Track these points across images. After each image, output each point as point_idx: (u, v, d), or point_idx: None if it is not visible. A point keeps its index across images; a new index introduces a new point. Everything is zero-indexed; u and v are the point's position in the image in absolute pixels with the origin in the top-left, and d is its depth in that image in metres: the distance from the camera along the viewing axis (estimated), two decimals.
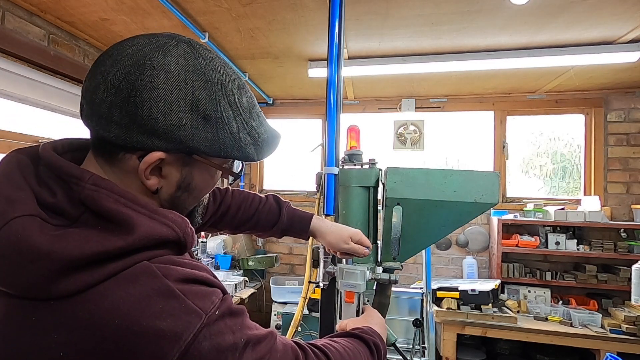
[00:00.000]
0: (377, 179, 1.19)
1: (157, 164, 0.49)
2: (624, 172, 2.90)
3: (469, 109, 3.21)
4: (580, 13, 1.81)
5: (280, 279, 3.17)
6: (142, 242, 0.46)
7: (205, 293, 0.48)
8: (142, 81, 0.46)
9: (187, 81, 0.48)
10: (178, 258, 0.50)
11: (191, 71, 0.48)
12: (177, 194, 0.54)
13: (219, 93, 0.50)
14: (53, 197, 0.46)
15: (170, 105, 0.46)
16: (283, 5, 1.77)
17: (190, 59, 0.49)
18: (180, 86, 0.47)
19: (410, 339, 2.28)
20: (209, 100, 0.49)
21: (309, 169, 3.51)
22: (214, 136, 0.49)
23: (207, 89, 0.49)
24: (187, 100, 0.47)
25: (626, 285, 2.54)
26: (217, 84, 0.50)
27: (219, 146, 0.50)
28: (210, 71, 0.50)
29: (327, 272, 1.06)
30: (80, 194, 0.46)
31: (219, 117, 0.50)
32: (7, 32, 1.74)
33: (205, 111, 0.49)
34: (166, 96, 0.46)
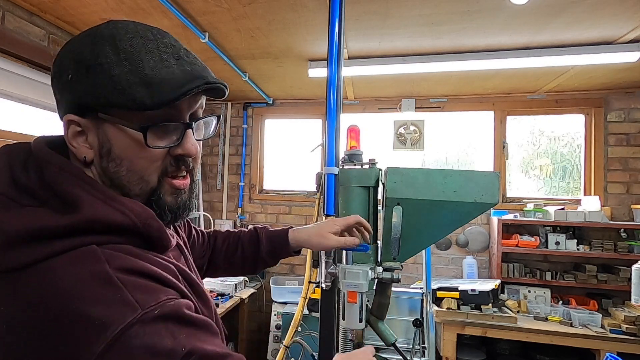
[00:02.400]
0: (377, 179, 1.19)
1: (81, 132, 0.51)
2: (624, 172, 2.90)
3: (469, 109, 3.21)
4: (580, 13, 1.81)
5: (280, 279, 3.17)
6: (88, 224, 0.46)
7: (150, 288, 0.46)
8: (62, 51, 0.52)
9: (83, 41, 0.50)
10: (138, 250, 0.50)
11: (86, 34, 0.51)
12: (103, 164, 0.52)
13: (104, 43, 0.49)
14: (28, 180, 0.49)
15: (62, 64, 0.50)
16: (283, 5, 1.77)
17: (98, 29, 0.51)
18: (73, 45, 0.51)
19: (410, 339, 2.28)
20: (91, 52, 0.49)
21: (309, 169, 3.51)
22: (92, 82, 0.48)
23: (93, 43, 0.49)
24: (72, 57, 0.50)
25: (626, 285, 2.54)
26: (106, 36, 0.50)
27: (98, 91, 0.48)
28: (104, 29, 0.51)
29: (329, 272, 1.06)
30: (48, 177, 0.48)
31: (98, 63, 0.48)
32: (7, 32, 1.74)
33: (87, 61, 0.48)
34: (61, 58, 0.51)
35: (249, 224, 3.46)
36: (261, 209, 3.55)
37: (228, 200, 3.61)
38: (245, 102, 3.57)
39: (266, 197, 3.55)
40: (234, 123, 3.64)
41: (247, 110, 3.60)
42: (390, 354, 1.74)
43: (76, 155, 0.52)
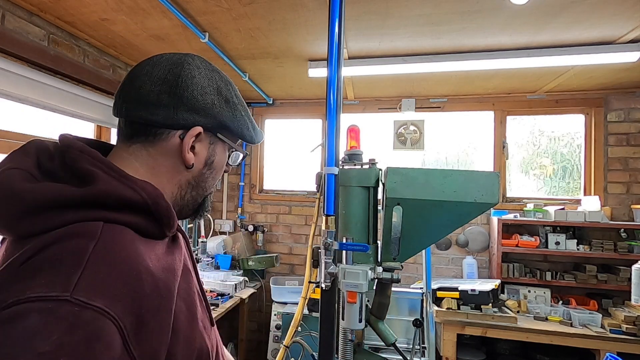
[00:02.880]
0: (377, 179, 1.19)
1: (193, 142, 0.60)
2: (624, 172, 2.90)
3: (469, 109, 3.21)
4: (580, 13, 1.81)
5: (280, 279, 3.17)
6: (101, 197, 0.49)
7: (103, 284, 0.43)
8: (184, 72, 0.59)
9: (210, 75, 0.63)
10: (132, 241, 0.50)
11: (211, 70, 0.65)
12: (203, 170, 0.64)
13: (230, 86, 0.66)
14: (51, 164, 0.53)
15: (205, 90, 0.61)
16: (283, 5, 1.77)
17: (208, 63, 0.66)
18: (208, 76, 0.63)
19: (410, 339, 2.28)
20: (226, 89, 0.65)
21: (309, 169, 3.51)
22: (233, 115, 0.64)
23: (223, 81, 0.65)
24: (214, 87, 0.62)
25: (626, 285, 2.54)
26: (227, 81, 0.67)
27: (236, 124, 0.64)
28: (221, 72, 0.68)
29: (329, 272, 1.06)
30: (68, 159, 0.52)
31: (234, 102, 0.65)
32: (7, 32, 1.74)
33: (226, 96, 0.64)
34: (201, 83, 0.61)
35: (248, 224, 3.47)
36: (261, 209, 3.55)
37: (228, 200, 3.61)
38: (245, 102, 3.56)
39: (266, 197, 3.55)
40: None
41: None
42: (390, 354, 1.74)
43: (186, 160, 0.60)
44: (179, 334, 0.51)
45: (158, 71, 0.59)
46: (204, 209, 0.69)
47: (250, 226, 3.45)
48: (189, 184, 0.63)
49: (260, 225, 3.47)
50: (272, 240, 3.51)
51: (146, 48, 2.32)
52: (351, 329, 1.24)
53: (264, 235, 3.47)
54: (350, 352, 1.26)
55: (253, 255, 3.32)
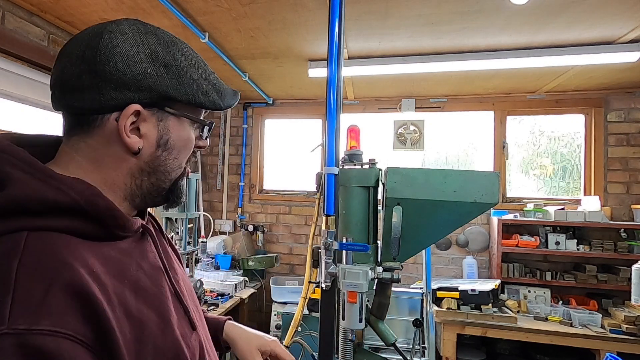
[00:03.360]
0: (377, 179, 1.19)
1: (135, 122, 0.51)
2: (624, 172, 2.90)
3: (469, 109, 3.21)
4: (580, 13, 1.81)
5: (280, 279, 3.17)
6: (20, 203, 0.43)
7: (42, 306, 0.38)
8: (102, 43, 0.49)
9: (142, 39, 0.51)
10: (77, 241, 0.45)
11: (144, 32, 0.52)
12: (157, 153, 0.54)
13: (173, 48, 0.54)
14: None
15: (133, 58, 0.49)
16: (283, 5, 1.77)
17: (141, 25, 0.53)
18: (137, 42, 0.51)
19: (410, 339, 2.28)
20: (166, 52, 0.52)
21: (309, 169, 3.51)
22: (178, 81, 0.52)
23: (161, 44, 0.53)
24: (147, 53, 0.51)
25: (626, 285, 2.53)
26: (169, 41, 0.54)
27: (185, 90, 0.53)
28: (161, 32, 0.54)
29: (329, 272, 1.06)
30: None
31: (178, 65, 0.53)
32: (7, 32, 1.74)
33: (165, 60, 0.52)
34: (127, 51, 0.49)
35: (248, 224, 3.47)
36: (261, 209, 3.55)
37: (228, 200, 3.61)
38: (245, 102, 3.57)
39: (266, 197, 3.55)
40: (234, 123, 3.64)
41: (247, 110, 3.60)
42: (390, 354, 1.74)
43: (129, 146, 0.51)
44: (148, 344, 0.46)
45: (76, 48, 0.50)
46: (175, 194, 0.59)
47: (250, 226, 3.46)
48: (143, 171, 0.54)
49: (260, 225, 3.47)
50: (272, 240, 3.51)
51: None
52: (351, 329, 1.24)
53: (264, 235, 3.47)
54: (350, 352, 1.26)
55: (253, 255, 3.32)
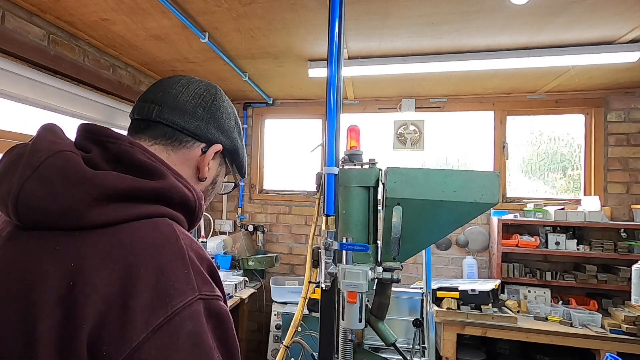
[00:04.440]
0: (377, 179, 1.19)
1: (211, 158, 0.64)
2: (624, 172, 2.90)
3: (469, 109, 3.21)
4: (580, 13, 1.81)
5: (280, 279, 3.17)
6: (171, 192, 0.50)
7: (205, 278, 0.48)
8: (217, 95, 0.66)
9: (232, 106, 0.71)
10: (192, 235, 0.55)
11: (231, 102, 0.71)
12: (209, 187, 0.68)
13: (239, 122, 0.72)
14: (88, 153, 0.51)
15: (230, 116, 0.68)
16: (283, 5, 1.77)
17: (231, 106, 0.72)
18: (231, 106, 0.71)
19: (410, 339, 2.29)
20: (240, 123, 0.72)
21: (309, 169, 3.51)
22: (242, 146, 0.72)
23: (237, 116, 0.73)
24: (235, 116, 0.70)
25: (626, 285, 2.54)
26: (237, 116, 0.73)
27: (243, 154, 0.72)
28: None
29: (329, 272, 1.06)
30: (116, 150, 0.50)
31: (240, 136, 0.71)
32: (7, 32, 1.74)
33: (239, 128, 0.71)
34: (228, 109, 0.68)
35: (248, 224, 3.47)
36: (261, 209, 3.55)
37: (228, 200, 3.61)
38: (245, 102, 3.57)
39: (266, 197, 3.55)
40: None
41: (247, 110, 3.60)
42: (390, 354, 1.74)
43: (202, 172, 0.63)
44: None
45: (195, 87, 0.64)
46: (198, 221, 0.65)
47: (250, 226, 3.46)
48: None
49: (260, 225, 3.47)
50: (272, 240, 3.51)
51: (146, 48, 2.32)
52: (351, 329, 1.24)
53: (264, 235, 3.47)
54: (350, 352, 1.26)
55: (253, 255, 3.32)
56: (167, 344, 0.40)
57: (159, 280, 0.42)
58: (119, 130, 0.53)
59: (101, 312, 0.40)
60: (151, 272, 0.42)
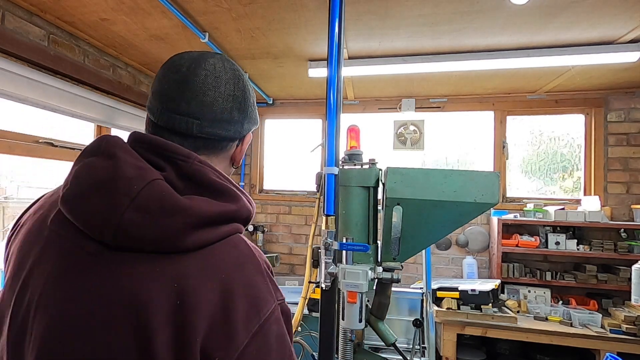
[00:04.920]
0: (377, 179, 1.19)
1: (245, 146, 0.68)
2: (624, 172, 2.90)
3: (469, 109, 3.21)
4: (580, 13, 1.81)
5: (280, 279, 3.17)
6: (242, 212, 0.55)
7: (275, 284, 0.56)
8: (246, 86, 0.64)
9: (250, 86, 0.67)
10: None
11: (246, 78, 0.68)
12: (233, 168, 0.69)
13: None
14: (164, 171, 0.53)
15: (254, 101, 0.67)
16: (283, 5, 1.77)
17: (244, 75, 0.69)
18: (251, 87, 0.67)
19: (410, 339, 2.28)
20: (253, 93, 0.68)
21: (309, 169, 3.51)
22: (256, 116, 0.69)
23: (252, 89, 0.69)
24: (254, 96, 0.67)
25: (626, 285, 2.54)
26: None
27: (256, 117, 0.69)
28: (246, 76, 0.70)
29: (329, 272, 1.06)
30: (188, 169, 0.53)
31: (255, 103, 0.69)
32: (7, 32, 1.74)
33: (254, 96, 0.68)
34: (252, 95, 0.66)
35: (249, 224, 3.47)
36: (261, 209, 3.55)
37: None
38: None
39: (266, 197, 3.55)
40: None
41: None
42: (390, 354, 1.74)
43: (238, 163, 0.68)
44: None
45: (225, 86, 0.60)
46: None
47: (250, 226, 3.45)
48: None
49: (260, 225, 3.47)
50: (272, 240, 3.51)
51: (146, 48, 2.32)
52: (351, 329, 1.24)
53: (264, 235, 3.47)
54: (350, 352, 1.26)
55: None
56: (262, 345, 0.49)
57: (249, 293, 0.50)
58: (119, 130, 0.53)
59: (209, 325, 0.46)
60: (242, 289, 0.50)
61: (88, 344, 0.45)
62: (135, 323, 0.45)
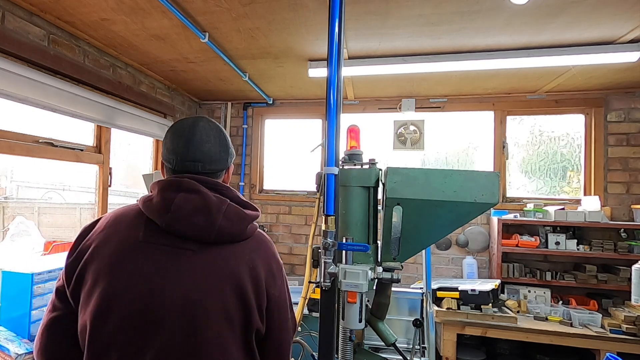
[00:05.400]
0: (377, 179, 1.19)
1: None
2: (624, 172, 2.90)
3: (469, 109, 3.21)
4: (580, 13, 1.81)
5: None
6: (259, 214, 0.93)
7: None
8: (224, 134, 0.96)
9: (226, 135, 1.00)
10: None
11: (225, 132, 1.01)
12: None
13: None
14: (217, 198, 0.84)
15: (230, 142, 0.98)
16: (283, 5, 1.77)
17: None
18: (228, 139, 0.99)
19: (410, 339, 2.28)
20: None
21: (309, 169, 3.51)
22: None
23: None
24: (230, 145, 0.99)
25: (626, 285, 2.54)
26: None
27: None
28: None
29: (329, 272, 1.06)
30: (229, 194, 0.88)
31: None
32: (7, 32, 1.74)
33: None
34: (228, 137, 0.98)
35: None
36: (261, 209, 3.55)
37: None
38: (245, 102, 3.57)
39: (266, 197, 3.55)
40: (234, 123, 3.64)
41: (247, 110, 3.60)
42: (390, 354, 1.74)
43: (227, 182, 0.98)
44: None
45: (214, 138, 0.91)
46: None
47: None
48: None
49: (260, 225, 3.47)
50: (272, 240, 3.51)
51: (146, 48, 2.32)
52: (351, 329, 1.24)
53: None
54: (350, 352, 1.26)
55: None
56: (282, 286, 0.91)
57: (275, 258, 0.91)
58: (118, 130, 0.54)
59: (265, 275, 0.85)
60: (272, 256, 0.90)
61: (210, 294, 0.77)
62: (233, 281, 0.80)
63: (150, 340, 0.74)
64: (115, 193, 3.07)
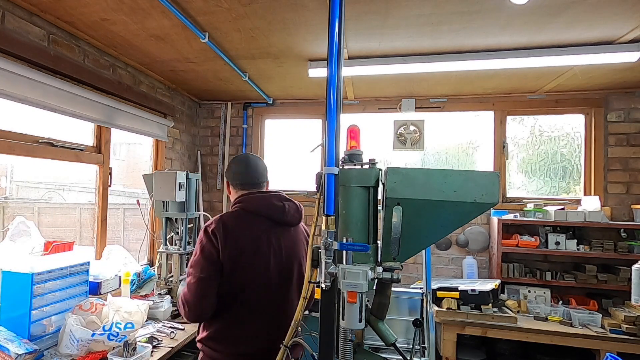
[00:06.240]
0: (377, 179, 1.19)
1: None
2: (624, 172, 2.90)
3: (469, 109, 3.21)
4: (580, 13, 1.81)
5: None
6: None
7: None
8: (262, 160, 1.72)
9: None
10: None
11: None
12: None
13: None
14: (291, 203, 1.62)
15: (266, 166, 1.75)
16: (283, 5, 1.77)
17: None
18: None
19: (410, 339, 2.29)
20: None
21: (309, 169, 3.51)
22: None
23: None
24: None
25: (626, 285, 2.54)
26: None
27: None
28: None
29: (329, 272, 1.06)
30: (288, 199, 1.62)
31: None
32: (7, 32, 1.74)
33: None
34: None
35: None
36: None
37: (228, 201, 3.60)
38: (245, 102, 3.57)
39: None
40: (234, 123, 3.64)
41: (247, 110, 3.60)
42: (390, 354, 1.74)
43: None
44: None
45: (261, 164, 1.66)
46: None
47: None
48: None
49: None
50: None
51: (146, 48, 2.32)
52: (351, 329, 1.24)
53: None
54: (350, 352, 1.26)
55: None
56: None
57: (308, 235, 1.66)
58: (118, 130, 0.54)
59: (307, 240, 1.63)
60: (307, 233, 1.71)
61: (297, 250, 1.57)
62: (303, 243, 1.61)
63: (286, 280, 1.52)
64: (115, 193, 3.06)
